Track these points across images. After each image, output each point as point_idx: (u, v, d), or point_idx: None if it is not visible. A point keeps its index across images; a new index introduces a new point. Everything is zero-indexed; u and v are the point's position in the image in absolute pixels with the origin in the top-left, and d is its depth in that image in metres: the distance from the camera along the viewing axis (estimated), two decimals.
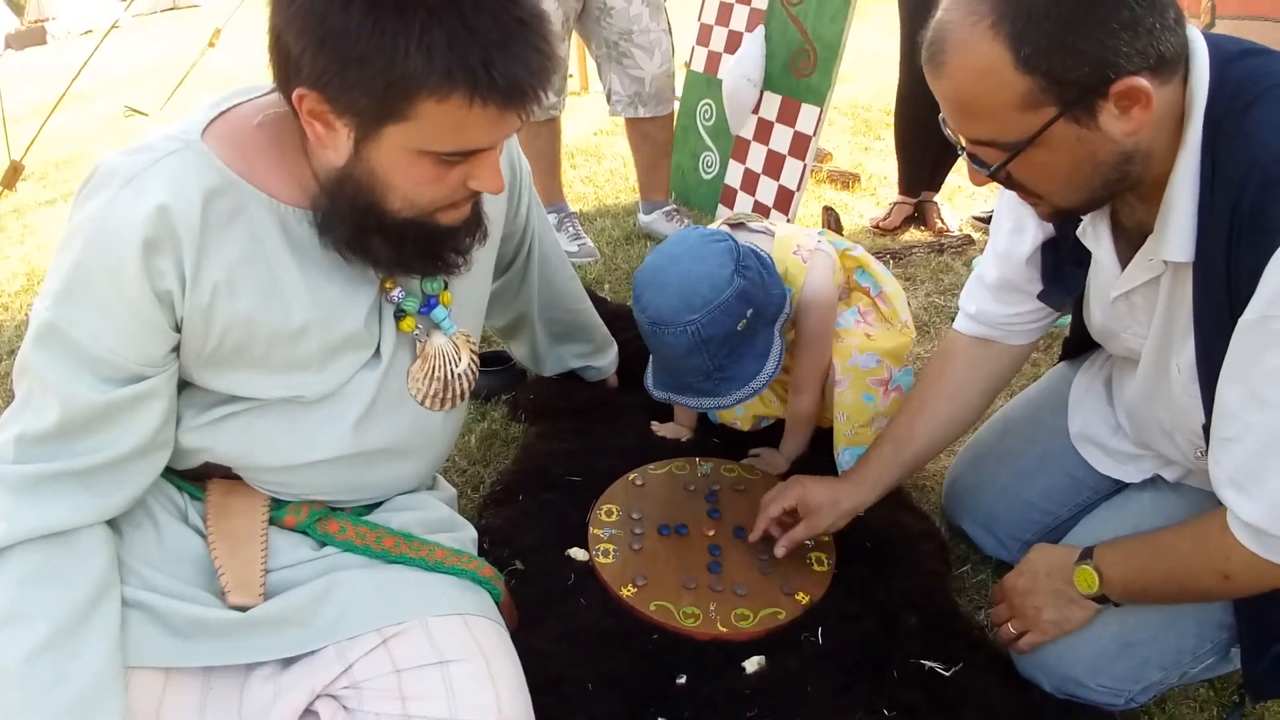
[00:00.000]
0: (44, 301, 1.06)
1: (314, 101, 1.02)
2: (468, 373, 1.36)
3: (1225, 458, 1.13)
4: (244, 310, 1.12)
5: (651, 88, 3.06)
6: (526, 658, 1.28)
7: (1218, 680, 1.49)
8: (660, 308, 1.54)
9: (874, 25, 5.98)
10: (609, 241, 3.29)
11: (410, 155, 1.05)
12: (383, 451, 1.29)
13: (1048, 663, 1.41)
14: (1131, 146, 1.10)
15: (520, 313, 1.94)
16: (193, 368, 1.15)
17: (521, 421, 2.13)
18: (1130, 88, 1.03)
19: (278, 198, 1.13)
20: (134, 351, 1.08)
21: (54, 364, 1.06)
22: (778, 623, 1.48)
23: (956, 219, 3.50)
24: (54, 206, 3.98)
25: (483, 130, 1.04)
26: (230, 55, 6.52)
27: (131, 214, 1.03)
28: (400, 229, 1.12)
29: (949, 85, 1.11)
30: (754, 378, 1.60)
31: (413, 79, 0.97)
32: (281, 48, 1.02)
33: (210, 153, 1.09)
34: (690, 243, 1.61)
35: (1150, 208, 1.18)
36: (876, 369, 1.79)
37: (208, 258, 1.08)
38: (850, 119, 5.03)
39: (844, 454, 1.81)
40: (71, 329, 1.05)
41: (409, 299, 1.26)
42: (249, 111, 1.15)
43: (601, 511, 1.71)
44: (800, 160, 3.04)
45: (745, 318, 1.56)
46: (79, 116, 5.58)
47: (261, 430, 1.21)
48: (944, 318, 2.75)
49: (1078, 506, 1.63)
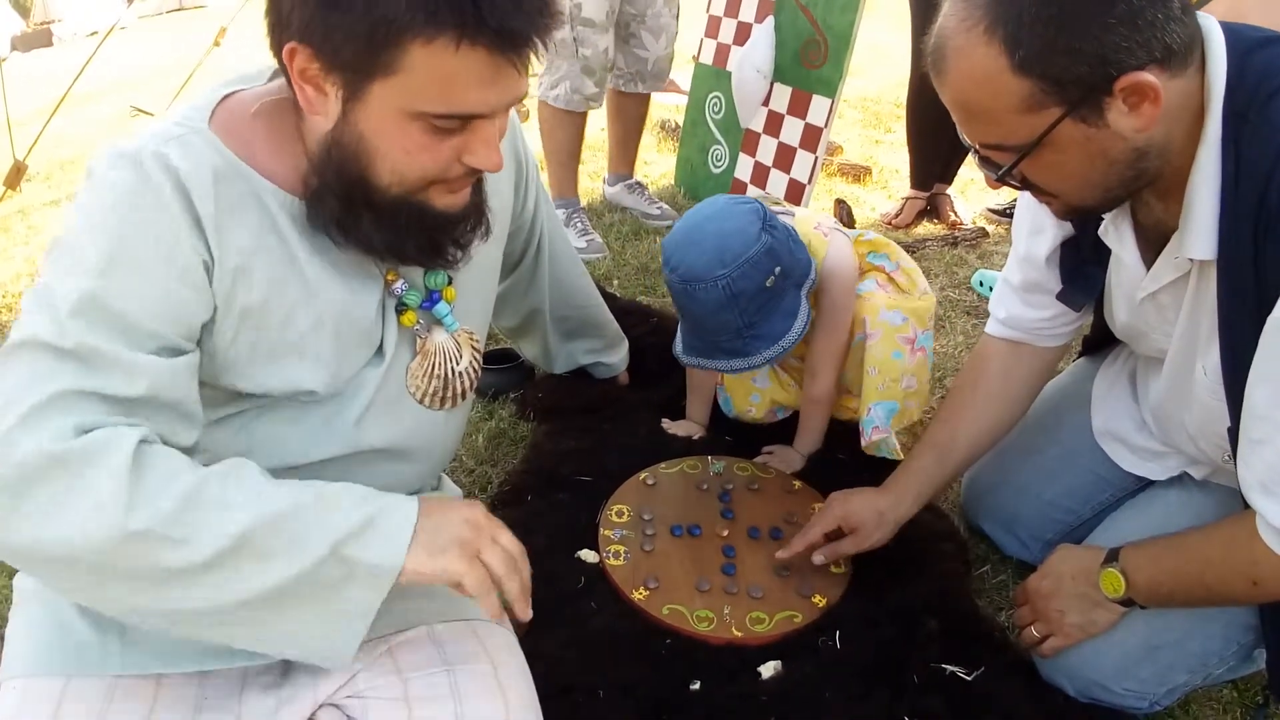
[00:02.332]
0: (73, 272, 0.97)
1: (304, 59, 0.98)
2: (469, 371, 1.32)
3: (1255, 460, 1.10)
4: (259, 300, 1.08)
5: (654, 68, 3.22)
6: (535, 664, 1.25)
7: (1241, 681, 1.48)
8: (692, 265, 1.59)
9: (883, 19, 5.94)
10: (618, 237, 3.26)
11: (400, 118, 1.00)
12: (383, 451, 1.25)
13: (1072, 667, 1.38)
14: (1144, 142, 1.07)
15: (531, 310, 1.91)
16: (205, 362, 1.10)
17: (530, 420, 2.11)
18: (1136, 83, 1.01)
19: (282, 187, 1.09)
20: (178, 323, 1.01)
21: (95, 334, 0.96)
22: (794, 626, 1.45)
23: (970, 211, 3.48)
24: (58, 207, 3.96)
25: (475, 85, 0.98)
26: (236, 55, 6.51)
27: (164, 182, 0.99)
28: (392, 208, 1.07)
29: (952, 92, 1.11)
30: (784, 335, 1.64)
31: (396, 21, 0.93)
32: (275, 4, 0.99)
33: (217, 141, 1.06)
34: (719, 205, 1.67)
35: (1170, 205, 1.16)
36: (903, 326, 1.78)
37: (225, 243, 1.04)
38: (860, 112, 5.01)
39: (876, 409, 1.75)
40: (117, 301, 0.97)
41: (411, 293, 1.22)
42: (247, 100, 1.11)
43: (612, 512, 1.68)
44: (811, 153, 3.00)
45: (774, 274, 1.60)
46: (85, 117, 5.58)
47: (262, 431, 1.17)
48: (959, 311, 2.72)
49: (1101, 505, 1.61)
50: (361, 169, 1.04)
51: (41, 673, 1.07)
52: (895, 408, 1.76)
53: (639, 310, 2.41)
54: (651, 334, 2.23)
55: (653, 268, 2.97)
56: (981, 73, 1.05)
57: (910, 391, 1.79)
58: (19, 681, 1.07)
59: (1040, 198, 1.20)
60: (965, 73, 1.07)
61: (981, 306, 2.73)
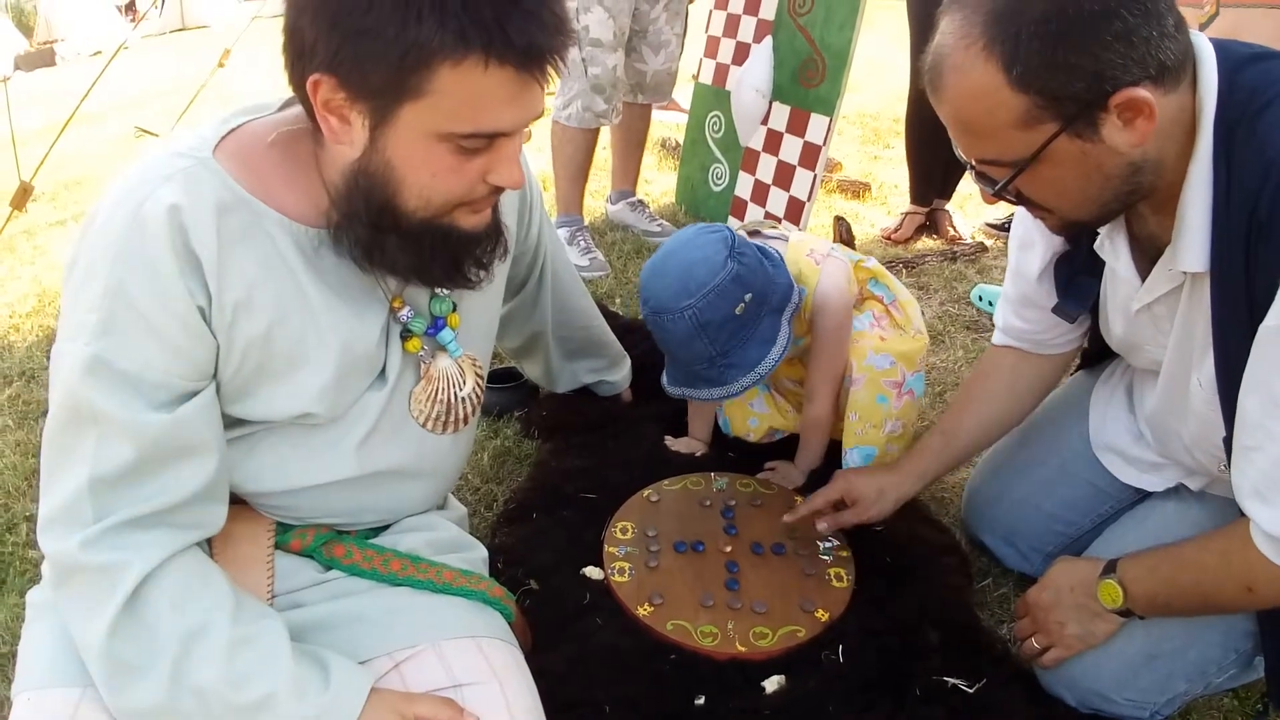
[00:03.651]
0: (80, 338, 1.01)
1: (329, 89, 0.99)
2: (472, 396, 1.33)
3: (1248, 466, 1.12)
4: (262, 330, 1.09)
5: (651, 80, 3.27)
6: (541, 680, 1.26)
7: (1241, 689, 1.48)
8: (659, 295, 1.59)
9: (882, 34, 5.98)
10: (620, 255, 3.28)
11: (428, 141, 1.01)
12: (388, 474, 1.27)
13: (1072, 678, 1.39)
14: (1139, 157, 1.09)
15: (534, 332, 1.92)
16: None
17: (534, 438, 2.12)
18: (1131, 99, 1.03)
19: (291, 217, 1.10)
20: (187, 366, 1.05)
21: (111, 398, 1.01)
22: (797, 641, 1.46)
23: (969, 226, 3.49)
24: (64, 227, 3.98)
25: (502, 104, 1.00)
26: (240, 75, 6.56)
27: (159, 230, 1.00)
28: (418, 231, 1.09)
29: (949, 108, 1.13)
30: (759, 363, 1.63)
31: (427, 44, 0.94)
32: (297, 37, 0.99)
33: (222, 170, 1.06)
34: (686, 236, 1.67)
35: (1164, 218, 1.18)
36: (890, 370, 1.78)
37: (227, 277, 1.05)
38: (859, 128, 5.03)
39: (852, 453, 1.80)
40: (121, 360, 1.01)
41: (416, 319, 1.23)
42: (260, 130, 1.12)
43: (616, 529, 1.69)
44: (810, 170, 3.02)
45: (743, 301, 1.59)
46: (90, 137, 5.60)
47: (264, 454, 1.19)
48: (959, 326, 2.73)
49: (1100, 517, 1.61)
50: (389, 195, 1.06)
51: (56, 684, 1.08)
52: (873, 453, 1.79)
53: (641, 328, 2.41)
54: (654, 351, 2.23)
55: None
56: (979, 88, 1.07)
57: (894, 435, 1.81)
58: (33, 694, 1.08)
59: (1036, 213, 1.22)
60: (962, 88, 1.09)
61: (981, 321, 2.75)
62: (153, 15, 12.16)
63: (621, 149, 3.53)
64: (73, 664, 1.08)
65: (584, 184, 3.32)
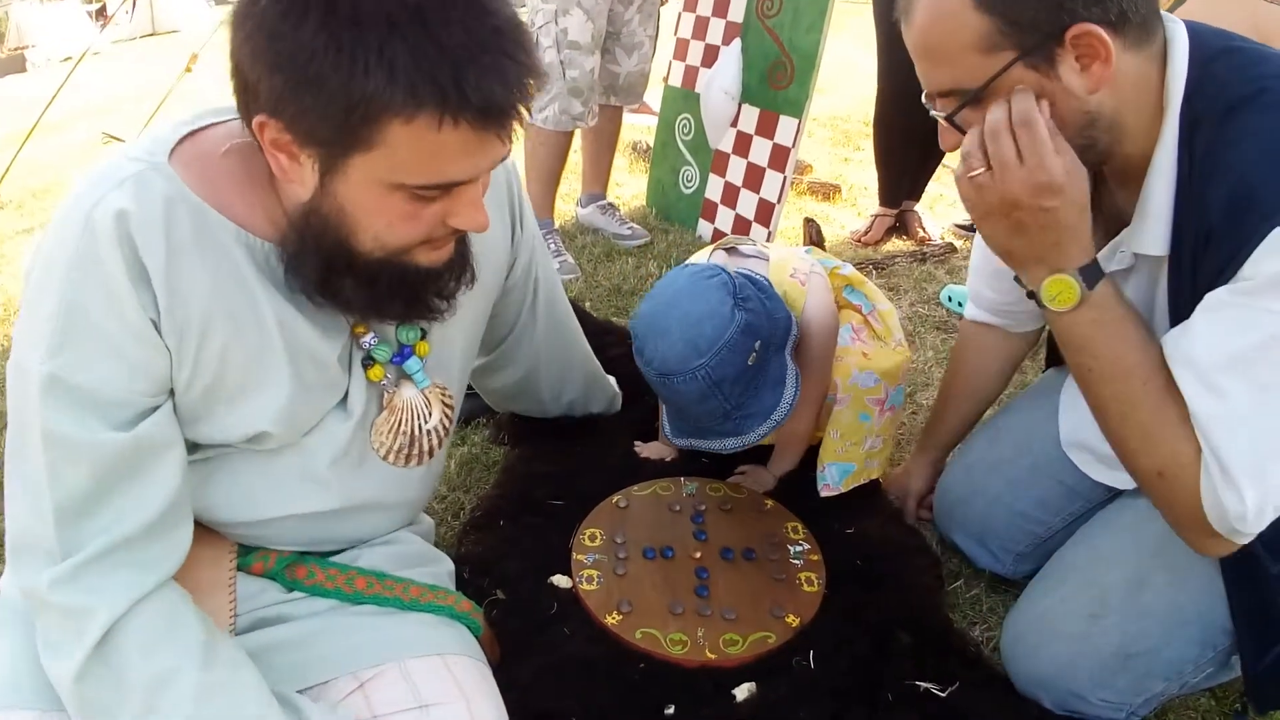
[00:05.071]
0: (34, 354, 0.97)
1: (275, 130, 0.93)
2: (438, 429, 1.28)
3: None
4: (217, 348, 1.04)
5: (624, 82, 3.25)
6: (509, 693, 1.24)
7: (1219, 689, 1.48)
8: (666, 357, 1.48)
9: (850, 37, 6.01)
10: (590, 259, 3.26)
11: (380, 189, 0.96)
12: (353, 508, 1.24)
13: (1047, 678, 1.38)
14: (1094, 107, 1.11)
15: (527, 369, 1.75)
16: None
17: (503, 444, 2.09)
18: (1087, 33, 1.05)
19: (246, 228, 1.05)
20: (146, 381, 1.01)
21: (67, 417, 0.97)
22: (768, 647, 1.44)
23: (938, 227, 3.50)
24: (31, 235, 3.92)
25: (458, 157, 0.94)
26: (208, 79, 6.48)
27: (108, 238, 0.96)
28: (373, 271, 1.03)
29: (915, 32, 1.16)
30: (775, 409, 1.56)
31: (374, 99, 0.88)
32: (240, 74, 0.94)
33: (176, 178, 1.02)
34: (681, 284, 1.55)
35: (1129, 195, 1.19)
36: (875, 388, 1.76)
37: (176, 289, 1.00)
38: (829, 130, 5.04)
39: (830, 469, 1.77)
40: (77, 376, 0.97)
41: (381, 346, 1.18)
42: (217, 137, 1.07)
43: (585, 536, 1.67)
44: (780, 172, 3.02)
45: (754, 350, 1.50)
46: (57, 144, 5.52)
47: (223, 483, 1.15)
48: (929, 326, 2.74)
49: (1071, 515, 1.61)
50: (342, 238, 1.01)
51: (15, 707, 1.05)
52: (851, 469, 1.77)
53: (613, 330, 2.41)
54: (626, 358, 2.21)
55: (625, 289, 2.97)
56: (945, 8, 1.11)
57: (873, 451, 1.79)
58: None
59: None
60: (930, 9, 1.13)
61: (950, 322, 2.76)
62: (123, 20, 12.06)
63: (593, 152, 3.51)
64: (36, 683, 1.05)
65: (556, 187, 3.30)
